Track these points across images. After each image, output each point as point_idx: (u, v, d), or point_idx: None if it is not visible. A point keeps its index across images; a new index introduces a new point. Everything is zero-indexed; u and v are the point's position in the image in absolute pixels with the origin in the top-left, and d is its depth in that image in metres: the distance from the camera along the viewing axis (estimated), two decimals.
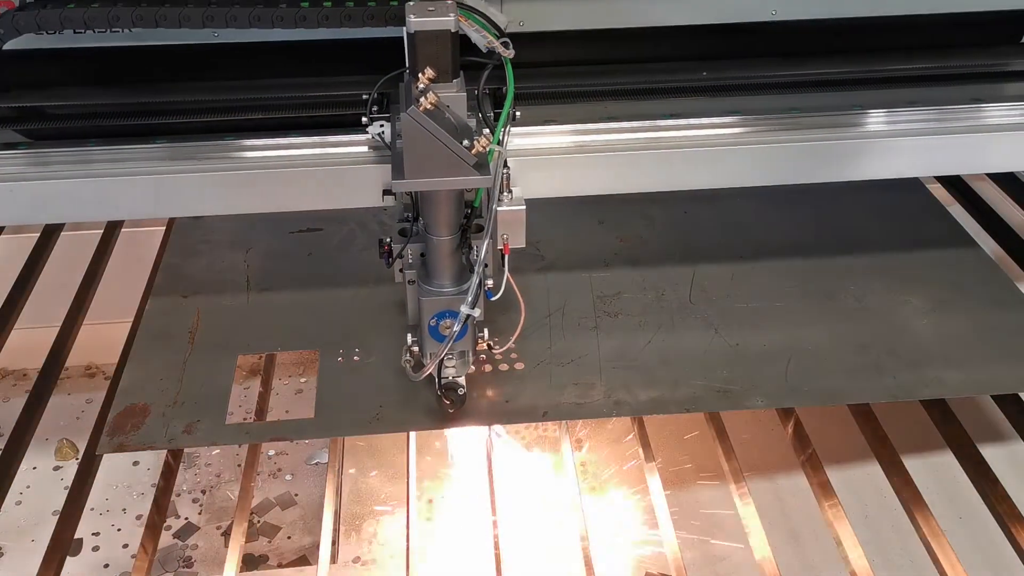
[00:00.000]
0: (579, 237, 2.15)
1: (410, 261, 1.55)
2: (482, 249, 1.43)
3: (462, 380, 1.61)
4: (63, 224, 2.19)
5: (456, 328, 1.47)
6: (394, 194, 1.54)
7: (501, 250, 1.46)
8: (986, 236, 2.23)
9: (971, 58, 1.81)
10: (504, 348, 1.58)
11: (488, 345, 1.60)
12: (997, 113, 1.67)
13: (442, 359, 1.53)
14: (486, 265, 1.48)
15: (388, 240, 1.54)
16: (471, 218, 1.50)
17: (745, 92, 1.75)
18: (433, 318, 1.52)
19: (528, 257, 2.06)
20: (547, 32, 1.68)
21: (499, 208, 1.44)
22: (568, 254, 2.09)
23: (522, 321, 1.53)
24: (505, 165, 1.45)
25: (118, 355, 1.86)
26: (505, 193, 1.46)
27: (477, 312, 1.48)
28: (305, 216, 2.19)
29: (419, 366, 1.58)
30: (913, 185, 2.32)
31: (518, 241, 1.47)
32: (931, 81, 1.78)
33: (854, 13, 1.75)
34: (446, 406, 1.60)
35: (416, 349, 1.59)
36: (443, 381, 1.59)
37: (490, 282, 1.51)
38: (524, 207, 1.46)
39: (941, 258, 2.07)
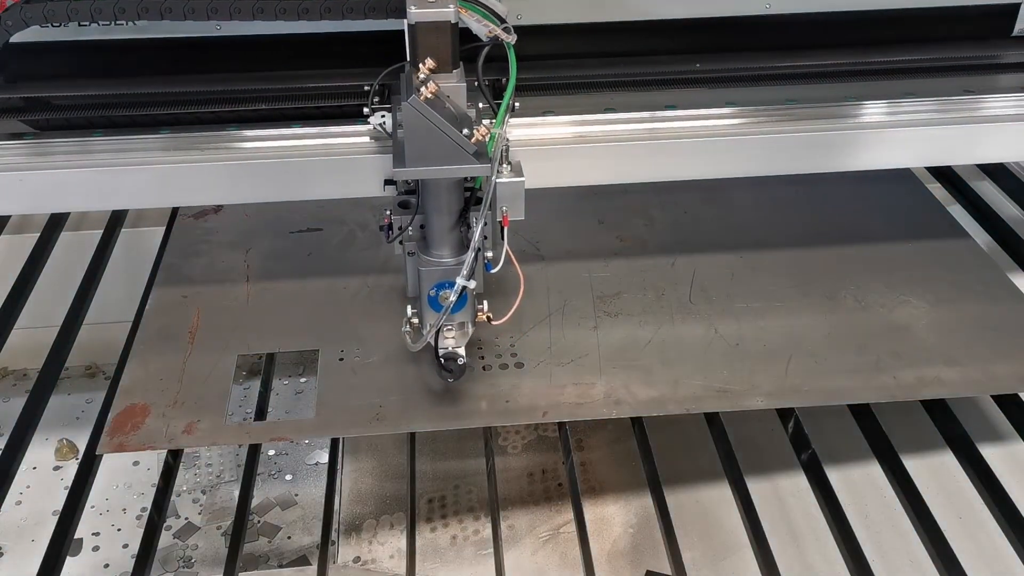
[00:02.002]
0: (579, 237, 2.15)
1: (409, 233, 1.55)
2: (480, 221, 1.43)
3: (462, 351, 1.60)
4: (63, 224, 2.19)
5: (453, 298, 1.47)
6: (395, 183, 1.54)
7: (500, 222, 1.47)
8: (987, 237, 2.23)
9: (964, 51, 1.83)
10: (502, 320, 1.57)
11: (487, 318, 1.60)
12: (989, 105, 1.69)
13: (439, 328, 1.53)
14: (485, 237, 1.48)
15: (388, 212, 1.54)
16: (471, 191, 1.51)
17: (742, 84, 1.77)
18: (433, 288, 1.53)
19: (528, 256, 2.06)
20: (545, 25, 1.70)
21: (498, 180, 1.44)
22: (568, 254, 2.09)
23: (521, 292, 1.52)
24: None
25: (118, 355, 1.86)
26: (504, 165, 1.46)
27: (473, 284, 1.48)
28: (305, 216, 2.19)
29: (418, 336, 1.58)
30: (912, 184, 2.32)
31: (517, 213, 1.47)
32: (924, 73, 1.81)
33: (847, 7, 1.77)
34: (445, 376, 1.59)
35: (416, 321, 1.60)
36: (442, 352, 1.58)
37: (490, 254, 1.51)
38: (523, 179, 1.46)
39: (941, 258, 2.07)
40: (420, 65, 1.30)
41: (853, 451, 1.92)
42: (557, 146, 1.60)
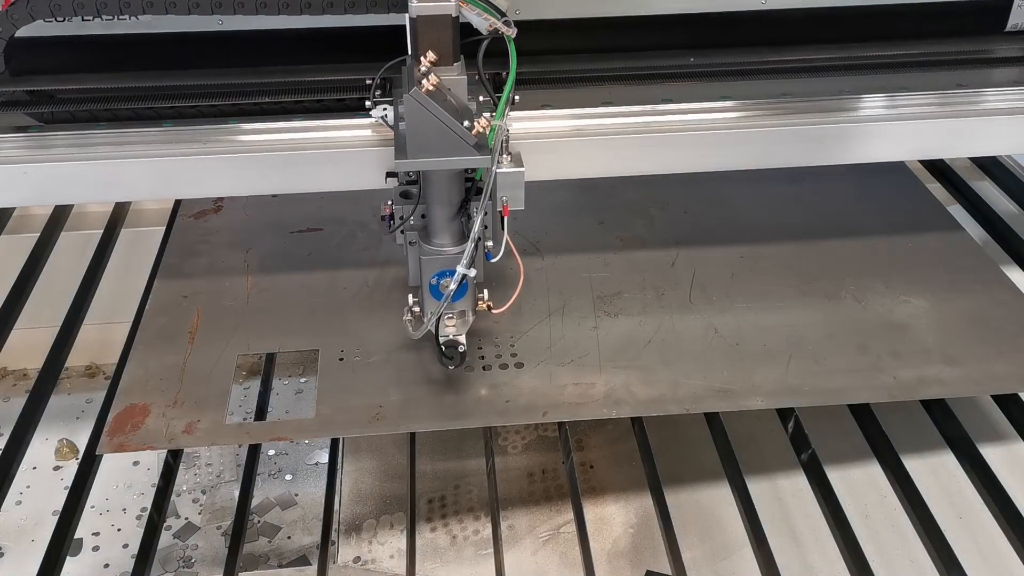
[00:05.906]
0: (579, 237, 2.15)
1: (411, 223, 1.57)
2: (480, 210, 1.44)
3: (462, 339, 1.61)
4: (64, 223, 2.19)
5: (453, 287, 1.48)
6: (397, 176, 1.55)
7: (500, 212, 1.48)
8: (987, 237, 2.23)
9: (958, 46, 1.84)
10: (502, 309, 1.59)
11: (488, 306, 1.62)
12: (982, 99, 1.71)
13: (440, 316, 1.54)
14: (485, 227, 1.50)
15: (390, 203, 1.56)
16: (472, 182, 1.52)
17: (738, 78, 1.79)
18: (434, 277, 1.55)
19: (528, 257, 2.06)
20: (543, 20, 1.71)
21: (498, 170, 1.45)
22: (568, 254, 2.09)
23: (520, 282, 1.53)
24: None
25: (118, 355, 1.86)
26: (504, 155, 1.47)
27: (473, 272, 1.49)
28: (305, 216, 2.19)
29: (419, 324, 1.59)
30: (911, 184, 2.32)
31: (517, 203, 1.49)
32: (919, 67, 1.82)
33: (842, 2, 1.79)
34: (446, 363, 1.61)
35: (417, 309, 1.62)
36: (443, 340, 1.60)
37: (490, 243, 1.53)
38: (523, 169, 1.47)
39: (941, 258, 2.07)
40: (421, 58, 1.32)
41: (853, 451, 1.92)
42: (555, 139, 1.61)
